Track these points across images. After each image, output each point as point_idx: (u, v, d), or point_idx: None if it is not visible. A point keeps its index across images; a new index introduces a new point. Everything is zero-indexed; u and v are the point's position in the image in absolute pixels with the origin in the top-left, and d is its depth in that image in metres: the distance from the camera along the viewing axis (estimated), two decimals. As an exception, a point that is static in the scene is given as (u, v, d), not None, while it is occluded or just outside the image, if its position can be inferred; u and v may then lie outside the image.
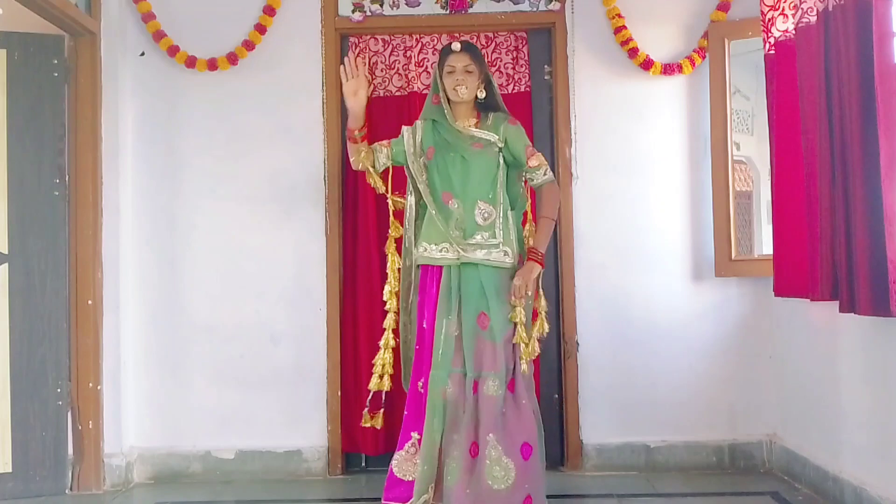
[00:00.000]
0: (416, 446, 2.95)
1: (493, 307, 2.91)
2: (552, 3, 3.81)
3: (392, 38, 3.90)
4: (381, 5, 3.82)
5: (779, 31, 3.28)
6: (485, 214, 2.97)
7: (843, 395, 3.09)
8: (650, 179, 3.79)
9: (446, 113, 3.02)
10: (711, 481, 3.57)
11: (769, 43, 3.33)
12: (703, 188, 3.74)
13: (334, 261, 3.78)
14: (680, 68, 3.74)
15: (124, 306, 3.67)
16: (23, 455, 3.46)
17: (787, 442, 3.60)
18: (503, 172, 3.05)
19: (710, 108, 3.70)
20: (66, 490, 3.55)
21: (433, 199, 3.00)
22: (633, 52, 3.74)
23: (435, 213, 2.97)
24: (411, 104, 3.82)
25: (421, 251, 3.02)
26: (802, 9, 2.98)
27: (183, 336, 3.75)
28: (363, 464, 3.82)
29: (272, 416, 3.73)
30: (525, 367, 2.95)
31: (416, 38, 3.89)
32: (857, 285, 2.63)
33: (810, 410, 3.39)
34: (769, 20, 3.33)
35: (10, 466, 3.44)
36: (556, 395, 3.78)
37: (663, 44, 3.79)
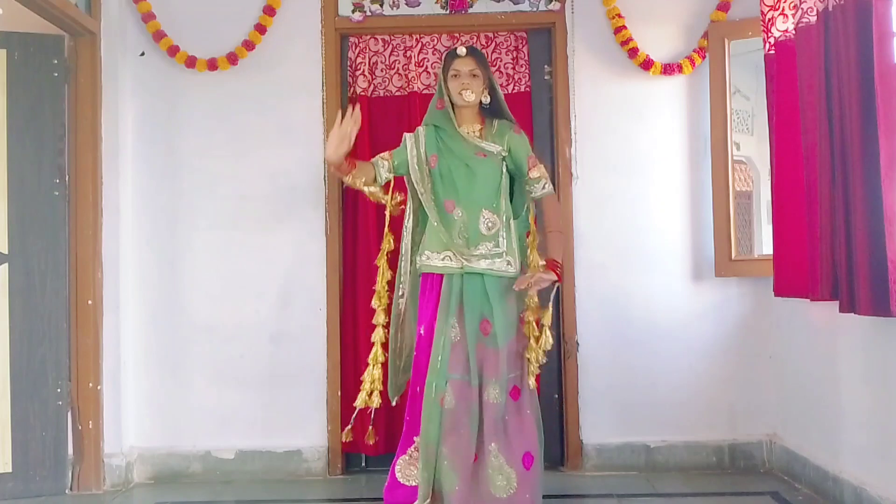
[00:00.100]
0: (418, 451, 2.92)
1: (496, 313, 2.88)
2: (552, 3, 3.81)
3: (392, 38, 3.90)
4: (381, 5, 3.82)
5: (779, 31, 3.28)
6: (489, 224, 2.94)
7: (843, 395, 3.09)
8: (650, 179, 3.79)
9: (452, 118, 2.99)
10: (711, 481, 3.57)
11: (769, 43, 3.33)
12: (703, 188, 3.74)
13: (334, 261, 3.78)
14: (680, 68, 3.74)
15: (124, 306, 3.68)
16: (23, 455, 3.47)
17: (787, 442, 3.60)
18: (506, 181, 3.03)
19: (710, 108, 3.70)
20: (66, 490, 3.55)
21: (436, 207, 2.95)
22: (633, 52, 3.74)
23: (438, 221, 2.93)
24: (411, 104, 3.82)
25: (423, 259, 2.97)
26: (802, 9, 2.98)
27: (183, 336, 3.75)
28: (363, 464, 3.83)
29: (272, 416, 3.73)
30: (532, 381, 2.97)
31: (416, 38, 3.89)
32: (857, 285, 2.63)
33: (810, 410, 3.39)
34: (769, 20, 3.33)
35: (10, 466, 3.45)
36: (556, 395, 3.78)
37: (663, 44, 3.79)
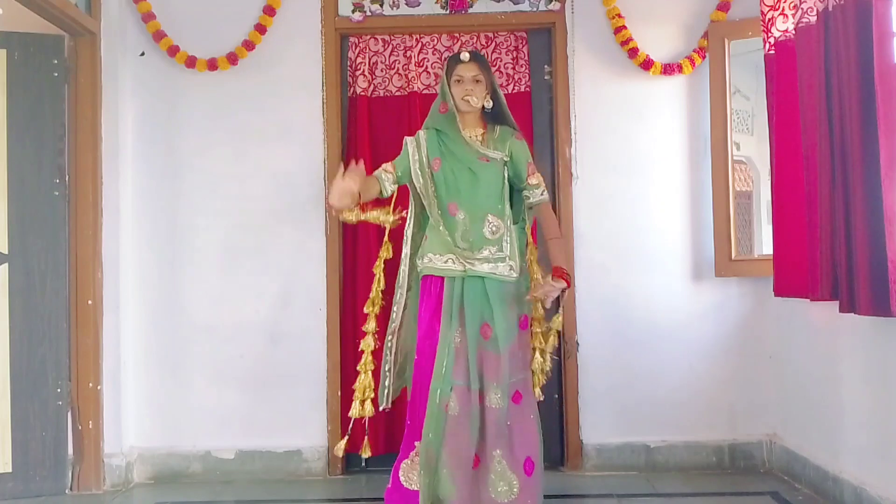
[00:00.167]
0: (418, 456, 2.88)
1: (497, 317, 2.86)
2: (552, 3, 3.81)
3: (392, 38, 3.90)
4: (381, 5, 3.82)
5: (779, 31, 3.28)
6: (493, 228, 2.93)
7: (843, 395, 3.09)
8: (650, 179, 3.79)
9: (457, 123, 2.97)
10: (711, 481, 3.57)
11: (769, 43, 3.33)
12: (703, 188, 3.74)
13: (334, 261, 3.78)
14: (680, 68, 3.74)
15: (124, 306, 3.68)
16: (23, 455, 3.47)
17: (787, 442, 3.60)
18: (507, 186, 3.01)
19: (710, 108, 3.70)
20: (66, 490, 3.55)
21: (439, 210, 2.94)
22: (633, 52, 3.74)
23: (441, 225, 2.91)
24: (411, 104, 3.82)
25: (425, 262, 2.95)
26: (802, 9, 2.98)
27: (183, 336, 3.75)
28: (363, 464, 3.79)
29: (272, 416, 3.73)
30: (538, 391, 3.04)
31: (416, 38, 3.89)
32: (857, 285, 2.63)
33: (810, 410, 3.39)
34: (769, 20, 3.33)
35: (10, 466, 3.45)
36: (556, 395, 3.78)
37: (663, 44, 3.79)
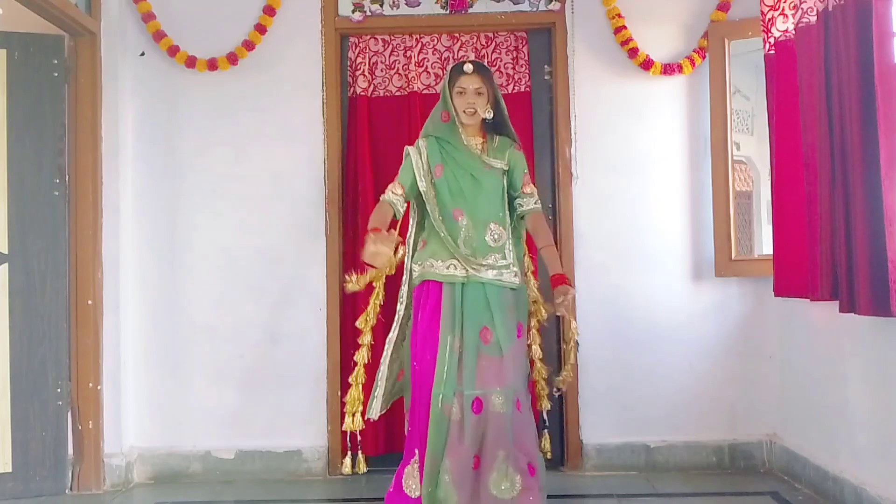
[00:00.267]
0: (417, 463, 2.87)
1: (497, 321, 2.86)
2: (552, 3, 3.81)
3: (392, 38, 3.90)
4: (381, 5, 3.82)
5: (779, 31, 3.28)
6: (495, 236, 2.94)
7: (843, 395, 3.09)
8: (650, 179, 3.79)
9: (460, 132, 2.98)
10: (711, 481, 3.57)
11: (769, 43, 3.33)
12: (703, 188, 3.74)
13: (334, 261, 3.78)
14: (680, 68, 3.74)
15: (124, 306, 3.68)
16: (23, 455, 3.47)
17: (787, 442, 3.60)
18: (506, 195, 3.03)
19: (710, 108, 3.70)
20: (66, 490, 3.55)
21: (442, 215, 2.94)
22: (633, 52, 3.74)
23: (445, 231, 2.91)
24: (411, 104, 3.82)
25: (426, 267, 2.93)
26: (802, 9, 2.98)
27: (183, 336, 3.75)
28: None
29: (272, 416, 3.73)
30: (547, 402, 3.19)
31: (416, 38, 3.89)
32: (857, 285, 2.63)
33: (810, 410, 3.39)
34: (769, 20, 3.33)
35: (10, 466, 3.45)
36: (557, 395, 3.77)
37: (663, 44, 3.79)
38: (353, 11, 3.81)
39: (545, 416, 3.27)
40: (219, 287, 3.76)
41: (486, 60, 3.87)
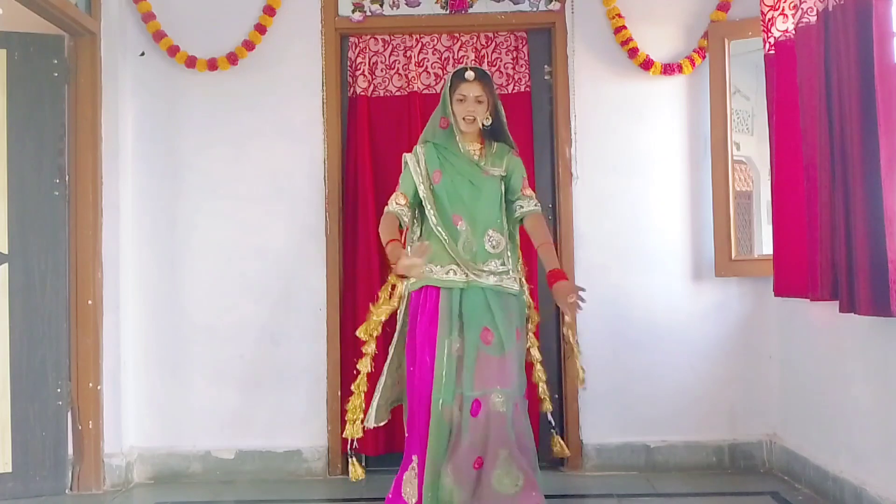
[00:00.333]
0: (415, 469, 2.86)
1: (499, 322, 2.85)
2: (552, 3, 3.81)
3: (392, 38, 3.90)
4: (381, 5, 3.82)
5: (779, 31, 3.28)
6: (494, 242, 2.93)
7: (843, 395, 3.09)
8: (650, 179, 3.79)
9: (458, 140, 2.97)
10: (711, 481, 3.57)
11: (769, 43, 3.33)
12: (703, 188, 3.74)
13: (334, 261, 3.78)
14: (680, 68, 3.74)
15: (124, 306, 3.68)
16: (23, 455, 3.47)
17: (787, 442, 3.60)
18: (503, 201, 3.02)
19: (710, 108, 3.70)
20: (66, 490, 3.55)
21: (442, 221, 2.93)
22: (633, 52, 3.74)
23: (446, 237, 2.90)
24: (411, 104, 3.82)
25: (426, 272, 2.90)
26: (802, 9, 2.98)
27: (183, 336, 3.75)
28: (363, 464, 3.78)
29: (272, 416, 3.73)
30: (549, 404, 3.21)
31: (416, 38, 3.89)
32: (857, 285, 2.63)
33: (810, 410, 3.39)
34: (769, 20, 3.33)
35: (10, 466, 3.45)
36: (556, 395, 3.77)
37: (663, 44, 3.79)
38: (353, 11, 3.81)
39: (550, 418, 3.27)
40: (219, 287, 3.76)
41: (486, 60, 3.87)
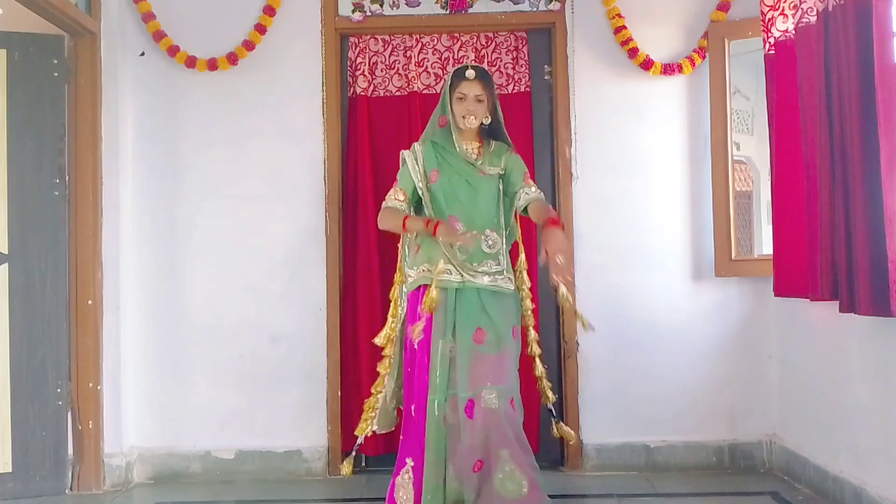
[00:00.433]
0: (409, 473, 2.85)
1: (493, 321, 2.84)
2: (552, 3, 3.81)
3: (392, 38, 3.90)
4: (381, 5, 3.82)
5: (779, 31, 3.28)
6: (490, 242, 2.93)
7: (843, 395, 3.09)
8: (650, 179, 3.79)
9: (454, 139, 2.96)
10: (711, 481, 3.57)
11: (769, 43, 3.33)
12: (703, 188, 3.74)
13: (334, 261, 3.78)
14: (680, 68, 3.74)
15: (124, 306, 3.68)
16: (23, 455, 3.47)
17: (787, 442, 3.60)
18: (502, 201, 3.01)
19: (710, 108, 3.70)
20: (66, 490, 3.55)
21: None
22: (633, 52, 3.74)
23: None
24: (411, 104, 3.82)
25: (421, 272, 2.92)
26: (802, 9, 2.98)
27: (183, 336, 3.75)
28: (363, 464, 3.82)
29: (272, 416, 3.73)
30: (551, 395, 3.14)
31: (416, 38, 3.89)
32: (857, 285, 2.63)
33: (810, 410, 3.39)
34: (769, 20, 3.33)
35: (10, 466, 3.44)
36: (557, 395, 3.77)
37: (663, 44, 3.78)
38: (353, 11, 3.81)
39: (552, 409, 3.20)
40: (219, 287, 3.76)
41: (486, 60, 3.87)
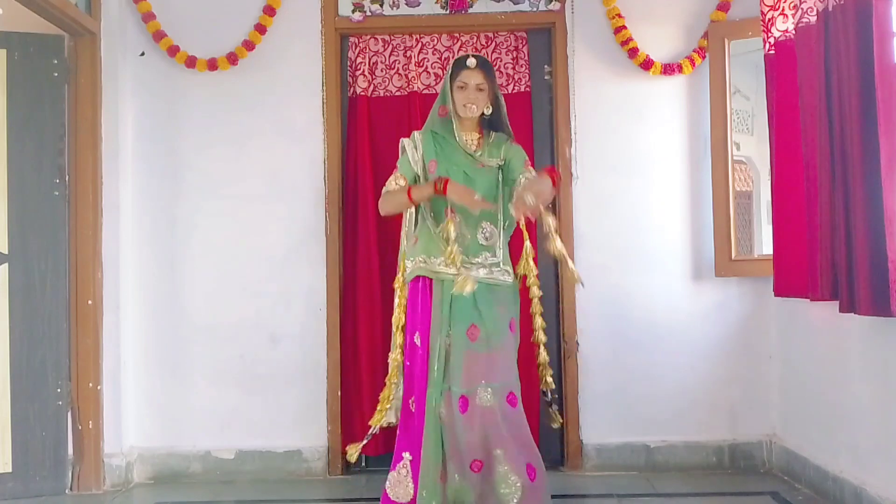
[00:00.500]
0: (407, 468, 2.85)
1: (486, 318, 2.84)
2: (552, 3, 3.81)
3: (392, 38, 3.90)
4: (381, 5, 3.82)
5: (779, 31, 3.28)
6: (486, 234, 2.92)
7: (843, 395, 3.09)
8: (650, 179, 3.79)
9: (455, 129, 2.95)
10: (711, 481, 3.57)
11: (769, 43, 3.33)
12: (703, 188, 3.74)
13: (334, 261, 3.78)
14: (680, 68, 3.74)
15: (124, 306, 3.68)
16: (23, 455, 3.47)
17: (787, 442, 3.60)
18: (501, 191, 3.00)
19: (710, 108, 3.70)
20: (66, 490, 3.55)
21: (434, 213, 2.93)
22: (633, 52, 3.74)
23: (438, 229, 2.90)
24: (411, 104, 3.82)
25: (418, 263, 2.92)
26: (802, 9, 2.98)
27: (183, 336, 3.75)
28: (363, 464, 3.82)
29: (272, 416, 3.73)
30: (550, 381, 3.11)
31: (416, 38, 3.89)
32: (857, 285, 2.63)
33: (810, 410, 3.39)
34: (769, 20, 3.33)
35: (10, 466, 3.44)
36: (557, 396, 3.77)
37: (663, 44, 3.78)
38: (353, 11, 3.81)
39: (547, 393, 3.16)
40: (219, 287, 3.76)
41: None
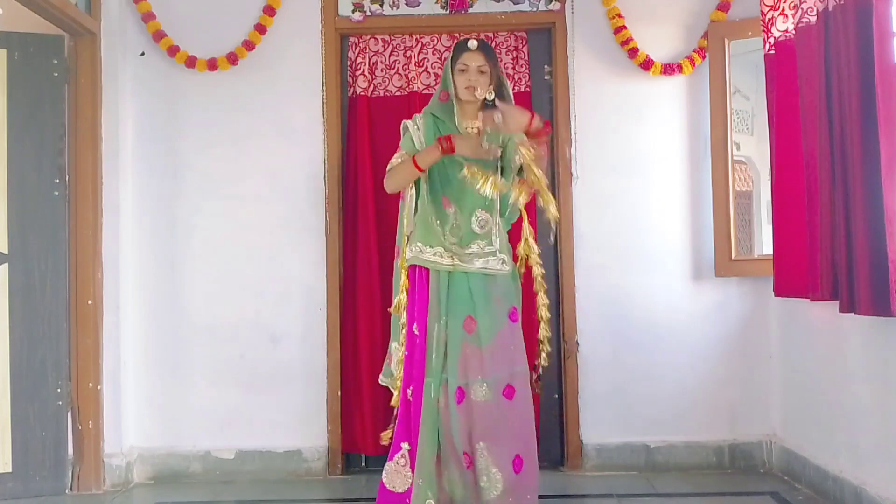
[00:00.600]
0: (405, 458, 2.85)
1: (480, 311, 2.83)
2: (552, 3, 3.81)
3: (392, 38, 3.90)
4: (381, 5, 3.82)
5: (779, 31, 3.28)
6: (481, 222, 2.92)
7: (843, 395, 3.09)
8: (650, 179, 3.78)
9: (455, 113, 2.93)
10: (711, 481, 3.57)
11: (769, 43, 3.33)
12: (703, 188, 3.74)
13: (334, 261, 3.78)
14: (680, 68, 3.74)
15: (124, 306, 3.68)
16: (23, 455, 3.46)
17: (787, 442, 3.60)
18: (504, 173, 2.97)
19: (710, 108, 3.70)
20: (66, 490, 3.55)
21: (432, 201, 2.93)
22: (633, 52, 3.74)
23: (433, 217, 2.90)
24: (411, 104, 3.81)
25: (415, 251, 2.92)
26: (802, 9, 2.98)
27: (183, 336, 3.75)
28: (363, 464, 3.83)
29: (272, 416, 3.73)
30: (545, 357, 3.04)
31: (416, 38, 3.89)
32: (857, 285, 2.63)
33: (810, 410, 3.39)
34: (769, 20, 3.33)
35: (10, 466, 3.44)
36: (556, 395, 3.78)
37: (663, 44, 3.78)
38: (353, 11, 3.81)
39: (539, 367, 3.09)
40: (219, 287, 3.76)
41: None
